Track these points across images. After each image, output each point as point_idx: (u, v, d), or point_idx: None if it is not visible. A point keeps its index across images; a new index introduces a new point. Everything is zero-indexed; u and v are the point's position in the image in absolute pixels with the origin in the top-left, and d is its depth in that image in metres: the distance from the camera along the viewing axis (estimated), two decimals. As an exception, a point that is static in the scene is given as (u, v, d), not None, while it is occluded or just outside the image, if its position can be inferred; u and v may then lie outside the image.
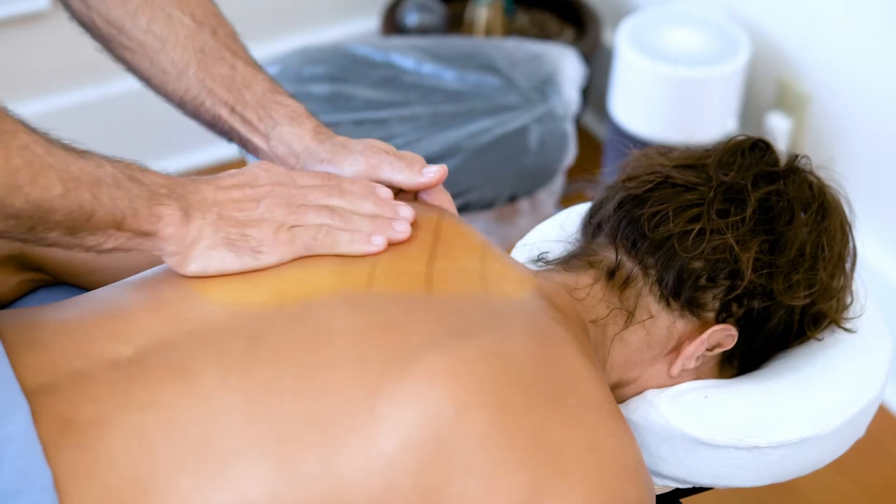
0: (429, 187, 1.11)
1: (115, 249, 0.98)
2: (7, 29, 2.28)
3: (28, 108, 2.37)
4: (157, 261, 1.09)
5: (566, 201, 2.16)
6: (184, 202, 0.99)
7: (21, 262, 1.16)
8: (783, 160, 1.15)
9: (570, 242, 1.17)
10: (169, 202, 0.98)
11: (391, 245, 1.03)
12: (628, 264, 1.10)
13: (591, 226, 1.15)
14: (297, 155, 1.14)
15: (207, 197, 1.01)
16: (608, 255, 1.11)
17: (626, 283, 1.09)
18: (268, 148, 1.15)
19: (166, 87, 1.17)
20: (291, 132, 1.14)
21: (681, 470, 1.12)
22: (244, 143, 1.17)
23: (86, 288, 1.16)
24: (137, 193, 0.97)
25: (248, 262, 1.00)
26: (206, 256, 1.00)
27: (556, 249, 1.18)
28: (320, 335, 0.95)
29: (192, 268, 1.00)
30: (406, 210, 1.06)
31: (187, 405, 0.91)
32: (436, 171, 1.10)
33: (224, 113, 1.17)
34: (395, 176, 1.10)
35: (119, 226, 0.96)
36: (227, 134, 1.18)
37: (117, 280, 1.07)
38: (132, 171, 0.98)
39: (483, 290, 1.03)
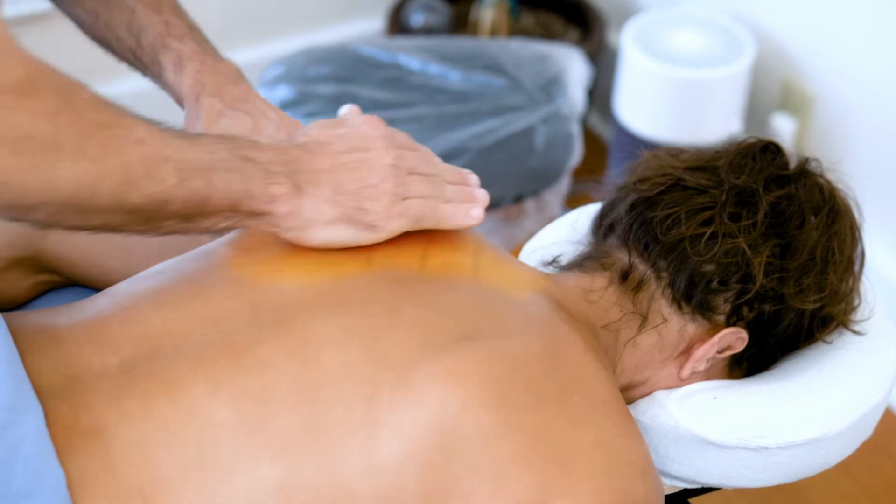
0: None
1: (229, 228, 0.98)
2: (12, 29, 2.27)
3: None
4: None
5: (572, 202, 2.17)
6: (297, 178, 0.98)
7: (34, 264, 1.16)
8: (793, 163, 1.15)
9: (582, 243, 1.17)
10: (283, 180, 0.98)
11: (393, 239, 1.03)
12: (641, 267, 1.10)
13: (603, 227, 1.15)
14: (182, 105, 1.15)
15: (323, 167, 1.00)
16: (621, 257, 1.11)
17: (639, 286, 1.10)
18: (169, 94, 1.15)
19: (88, 36, 1.18)
20: (175, 81, 1.14)
21: (689, 470, 1.12)
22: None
23: (99, 289, 1.16)
24: (251, 174, 0.96)
25: (365, 237, 1.01)
26: (326, 232, 1.00)
27: (569, 251, 1.18)
28: (306, 343, 0.94)
29: (315, 242, 1.00)
30: (474, 177, 1.08)
31: (181, 418, 0.90)
32: None
33: (130, 59, 1.16)
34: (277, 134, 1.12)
35: (235, 208, 0.96)
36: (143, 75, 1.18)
37: None
38: (245, 151, 0.97)
39: (478, 284, 1.03)
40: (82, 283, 1.18)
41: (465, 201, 1.05)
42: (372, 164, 1.01)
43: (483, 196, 1.07)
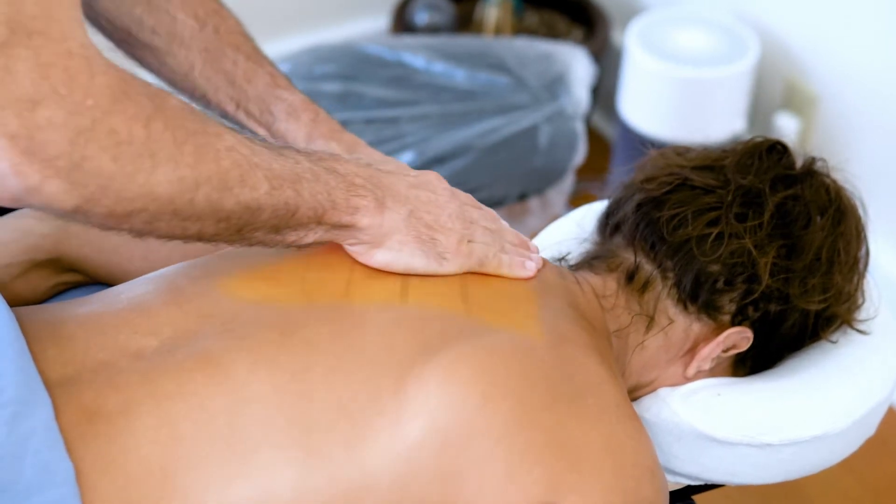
0: None
1: (314, 243, 0.99)
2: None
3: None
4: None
5: (576, 201, 2.17)
6: (379, 192, 1.00)
7: (58, 265, 1.16)
8: (799, 162, 1.15)
9: (588, 241, 1.18)
10: (365, 192, 0.99)
11: None
12: (647, 267, 1.11)
13: (609, 226, 1.15)
14: None
15: (401, 191, 1.02)
16: (627, 256, 1.12)
17: (646, 286, 1.10)
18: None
19: (176, 85, 1.20)
20: (288, 129, 1.17)
21: (693, 467, 1.13)
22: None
23: None
24: (335, 185, 0.97)
25: (433, 266, 1.02)
26: (397, 250, 1.01)
27: (576, 250, 1.19)
28: (353, 327, 0.96)
29: (380, 258, 1.01)
30: (534, 245, 1.11)
31: (215, 394, 0.91)
32: None
33: (230, 109, 1.19)
34: None
35: (320, 220, 0.97)
36: (242, 127, 1.20)
37: None
38: (329, 163, 0.98)
39: (513, 288, 1.05)
40: (104, 282, 1.19)
41: (525, 258, 1.08)
42: (440, 204, 1.04)
43: (537, 259, 1.09)
